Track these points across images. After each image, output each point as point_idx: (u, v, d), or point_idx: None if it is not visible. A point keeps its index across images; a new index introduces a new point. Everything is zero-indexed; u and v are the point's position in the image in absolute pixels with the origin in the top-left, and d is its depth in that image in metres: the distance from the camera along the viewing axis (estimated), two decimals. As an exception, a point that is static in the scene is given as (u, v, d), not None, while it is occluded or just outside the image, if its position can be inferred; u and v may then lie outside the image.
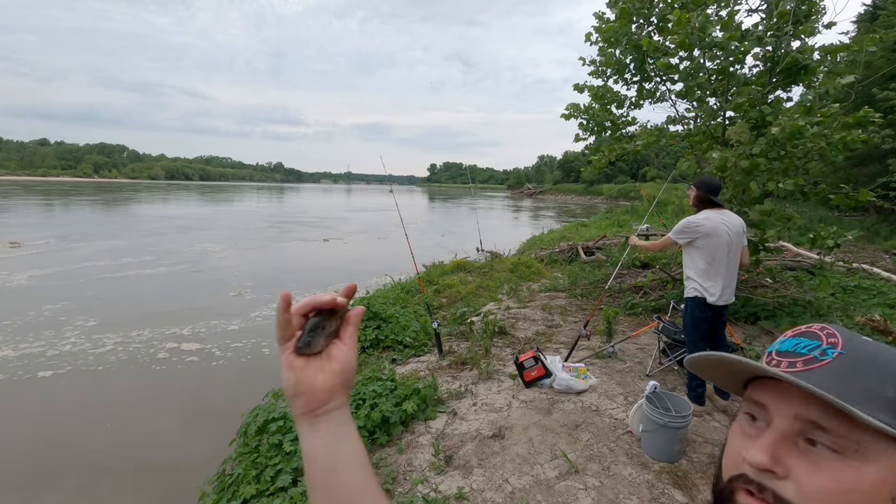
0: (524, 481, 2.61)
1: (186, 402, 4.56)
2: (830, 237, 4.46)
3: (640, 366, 4.27)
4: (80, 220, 21.03)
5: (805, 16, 4.89)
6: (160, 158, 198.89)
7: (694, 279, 3.27)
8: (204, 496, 2.83)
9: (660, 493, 2.52)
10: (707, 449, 2.93)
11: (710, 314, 3.27)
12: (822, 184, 4.98)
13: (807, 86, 5.07)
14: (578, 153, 59.72)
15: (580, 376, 3.78)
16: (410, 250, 5.25)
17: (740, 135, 4.95)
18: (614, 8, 6.01)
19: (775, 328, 5.22)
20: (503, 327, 5.22)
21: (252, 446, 2.93)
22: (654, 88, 6.25)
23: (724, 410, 3.43)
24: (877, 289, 6.53)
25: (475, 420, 3.29)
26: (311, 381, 0.48)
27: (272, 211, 31.63)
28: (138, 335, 6.20)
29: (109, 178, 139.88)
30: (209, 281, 9.46)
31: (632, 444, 2.98)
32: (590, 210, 36.02)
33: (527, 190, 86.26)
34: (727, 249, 3.17)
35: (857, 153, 5.93)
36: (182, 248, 13.23)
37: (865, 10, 18.30)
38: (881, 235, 12.37)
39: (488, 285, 7.60)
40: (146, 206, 31.65)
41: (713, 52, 4.89)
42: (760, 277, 6.23)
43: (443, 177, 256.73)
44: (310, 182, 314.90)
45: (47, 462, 3.58)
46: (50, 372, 5.04)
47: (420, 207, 40.68)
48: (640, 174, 60.39)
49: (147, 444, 3.84)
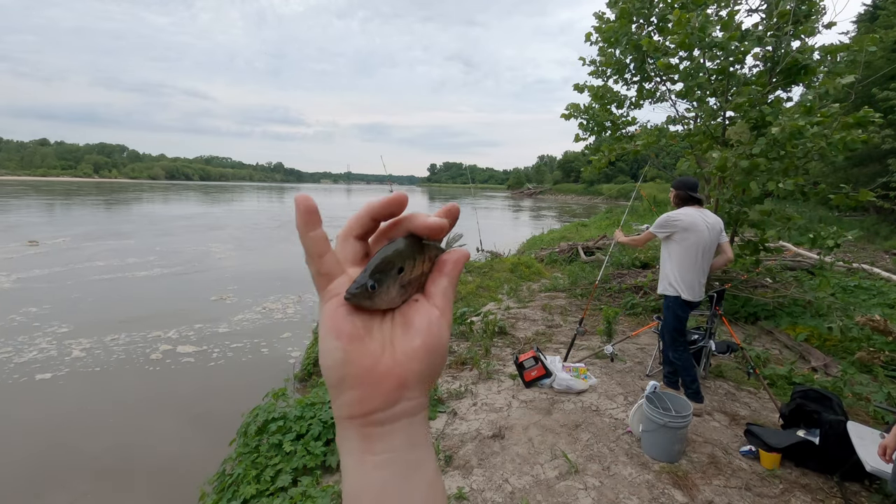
0: (524, 481, 2.61)
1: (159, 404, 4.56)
2: (830, 237, 4.47)
3: (640, 366, 4.27)
4: (98, 219, 21.29)
5: (805, 16, 4.90)
6: (160, 158, 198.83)
7: (670, 275, 3.31)
8: (204, 496, 2.83)
9: (660, 493, 2.52)
10: (707, 449, 2.93)
11: (687, 311, 3.33)
12: (822, 184, 4.98)
13: (807, 86, 5.08)
14: (578, 153, 59.71)
15: (580, 376, 3.78)
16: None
17: (740, 135, 4.95)
18: (614, 8, 6.01)
19: (775, 328, 5.22)
20: (503, 327, 5.22)
21: (252, 446, 2.93)
22: (654, 88, 6.26)
23: (723, 411, 3.43)
24: (877, 289, 6.53)
25: (475, 420, 3.29)
26: (370, 361, 0.29)
27: (278, 210, 31.88)
28: (112, 340, 6.03)
29: (109, 178, 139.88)
30: (198, 284, 9.25)
31: (632, 444, 2.98)
32: (590, 210, 36.02)
33: (527, 190, 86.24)
34: (704, 246, 3.21)
35: (857, 153, 5.93)
36: (186, 249, 13.21)
37: (865, 10, 18.31)
38: (881, 235, 12.38)
39: (488, 285, 7.60)
40: (160, 206, 32.12)
41: (713, 52, 4.90)
42: (760, 277, 6.23)
43: (443, 177, 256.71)
44: (310, 182, 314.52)
45: (48, 463, 3.58)
46: (24, 377, 5.04)
47: (420, 208, 40.70)
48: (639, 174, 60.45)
49: (146, 445, 3.84)
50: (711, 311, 3.74)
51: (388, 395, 0.29)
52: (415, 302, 0.32)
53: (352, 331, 0.29)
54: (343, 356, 0.29)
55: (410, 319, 0.31)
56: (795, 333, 4.93)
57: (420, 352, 0.30)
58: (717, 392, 3.74)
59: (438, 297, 0.33)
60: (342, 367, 0.29)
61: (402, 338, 0.31)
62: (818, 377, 3.95)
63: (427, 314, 0.32)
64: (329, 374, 0.30)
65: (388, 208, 0.31)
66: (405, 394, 0.30)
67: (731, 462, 2.80)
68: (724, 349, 3.75)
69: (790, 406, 3.02)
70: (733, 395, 3.72)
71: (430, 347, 0.31)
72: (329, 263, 0.30)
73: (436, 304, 0.33)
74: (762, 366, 4.14)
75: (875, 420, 3.32)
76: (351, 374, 0.29)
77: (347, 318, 0.29)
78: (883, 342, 4.45)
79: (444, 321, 0.32)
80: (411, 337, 0.31)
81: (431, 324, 0.31)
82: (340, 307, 0.29)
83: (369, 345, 0.30)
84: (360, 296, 0.29)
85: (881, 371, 4.06)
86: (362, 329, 0.30)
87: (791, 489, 2.57)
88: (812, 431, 2.84)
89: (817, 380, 3.84)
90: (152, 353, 5.66)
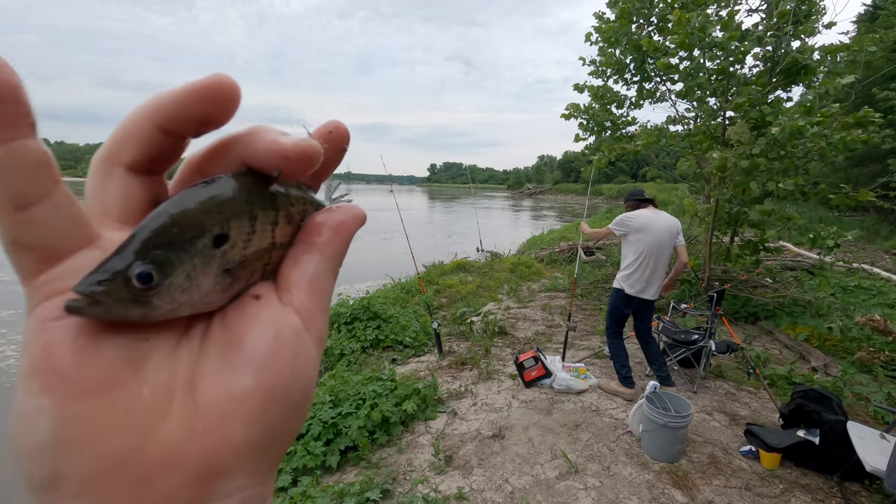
0: (524, 481, 2.62)
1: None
2: (830, 237, 4.47)
3: (640, 366, 4.27)
4: None
5: (805, 16, 4.90)
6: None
7: (622, 270, 3.51)
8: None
9: (660, 493, 2.52)
10: (707, 449, 2.93)
11: (633, 307, 3.53)
12: (822, 184, 4.98)
13: (807, 86, 5.08)
14: (578, 153, 59.87)
15: (580, 376, 3.78)
16: (411, 250, 5.26)
17: (740, 135, 4.95)
18: (614, 8, 6.01)
19: (775, 328, 5.22)
20: (503, 327, 5.22)
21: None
22: (654, 88, 6.26)
23: (723, 411, 3.44)
24: (877, 289, 6.54)
25: (475, 420, 3.29)
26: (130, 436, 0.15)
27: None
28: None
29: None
30: None
31: (632, 444, 2.98)
32: (591, 210, 36.07)
33: (527, 190, 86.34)
34: (657, 247, 3.34)
35: (857, 153, 5.93)
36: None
37: (865, 10, 18.32)
38: (881, 235, 12.38)
39: (488, 285, 7.60)
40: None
41: (713, 52, 4.90)
42: (760, 277, 6.23)
43: (443, 177, 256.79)
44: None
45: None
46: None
47: (421, 207, 40.70)
48: (640, 174, 60.46)
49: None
50: (711, 311, 3.75)
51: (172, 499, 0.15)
52: (252, 301, 0.18)
53: (83, 373, 0.15)
54: (54, 429, 0.14)
55: (239, 335, 0.17)
56: (795, 333, 4.93)
57: (252, 400, 0.16)
58: (717, 392, 3.74)
59: (301, 292, 0.19)
60: (54, 452, 0.14)
61: (216, 373, 0.17)
62: (818, 377, 3.95)
63: (274, 324, 0.18)
64: (29, 466, 0.14)
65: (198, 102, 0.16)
66: (216, 488, 0.16)
67: (731, 462, 2.80)
68: (724, 349, 3.76)
69: (790, 406, 3.02)
70: (733, 395, 3.72)
71: (273, 390, 0.17)
72: (48, 222, 0.15)
73: (294, 303, 0.19)
74: (762, 366, 4.14)
75: (875, 420, 3.32)
76: (78, 467, 0.14)
77: (75, 347, 0.15)
78: (883, 342, 4.45)
79: (307, 338, 0.18)
80: (236, 371, 0.17)
81: (281, 343, 0.17)
82: (58, 323, 0.15)
83: (129, 398, 0.15)
84: (109, 300, 0.15)
85: (881, 371, 4.06)
86: (113, 367, 0.15)
87: (791, 489, 2.57)
88: (812, 431, 2.84)
89: (817, 380, 3.84)
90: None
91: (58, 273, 0.15)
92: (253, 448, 0.16)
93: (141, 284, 0.15)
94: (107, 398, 0.15)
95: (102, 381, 0.15)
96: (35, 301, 0.15)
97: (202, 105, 0.16)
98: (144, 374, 0.16)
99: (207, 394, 0.16)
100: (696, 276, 5.70)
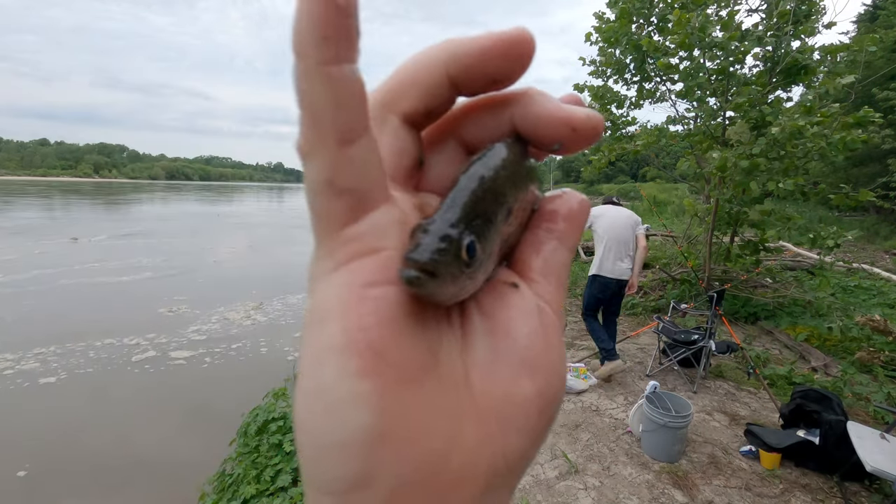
0: (524, 481, 2.61)
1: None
2: (830, 237, 4.47)
3: (640, 366, 4.27)
4: (141, 216, 22.91)
5: (805, 16, 4.90)
6: (160, 158, 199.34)
7: (595, 258, 3.83)
8: (204, 496, 2.83)
9: (660, 493, 2.52)
10: (707, 449, 2.93)
11: (608, 294, 3.79)
12: (822, 184, 4.99)
13: (807, 86, 5.08)
14: (578, 153, 59.62)
15: (580, 376, 3.78)
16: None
17: (740, 135, 4.95)
18: (614, 8, 6.01)
19: (775, 328, 5.22)
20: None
21: (252, 446, 2.93)
22: (654, 88, 6.26)
23: (723, 411, 3.44)
24: (877, 289, 6.54)
25: (475, 420, 3.29)
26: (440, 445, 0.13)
27: (298, 209, 33.38)
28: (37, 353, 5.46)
29: (109, 178, 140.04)
30: (166, 291, 8.47)
31: (632, 444, 2.98)
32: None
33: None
34: (614, 229, 3.69)
35: (857, 153, 5.93)
36: (192, 250, 13.09)
37: (865, 10, 18.33)
38: (881, 235, 12.39)
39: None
40: (195, 205, 35.13)
41: (713, 52, 4.90)
42: (760, 277, 6.23)
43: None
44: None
45: (49, 462, 3.58)
46: None
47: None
48: (640, 174, 60.53)
49: (146, 444, 3.84)
50: (711, 311, 3.75)
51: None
52: (510, 290, 0.16)
53: (405, 357, 0.13)
54: (375, 421, 0.12)
55: (506, 328, 0.15)
56: (795, 333, 4.93)
57: (531, 406, 0.14)
58: (717, 392, 3.74)
59: (550, 285, 0.16)
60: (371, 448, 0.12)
61: (489, 369, 0.14)
62: (818, 377, 3.95)
63: (540, 321, 0.15)
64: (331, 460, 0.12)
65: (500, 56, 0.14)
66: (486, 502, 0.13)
67: (731, 462, 2.80)
68: (724, 349, 3.76)
69: (790, 406, 3.02)
70: (733, 395, 3.72)
71: (548, 396, 0.15)
72: (364, 163, 0.13)
73: (545, 296, 0.16)
74: (762, 366, 4.14)
75: (875, 420, 3.31)
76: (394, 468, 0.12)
77: (398, 326, 0.13)
78: (883, 342, 4.45)
79: (558, 332, 0.16)
80: (513, 370, 0.14)
81: (550, 344, 0.15)
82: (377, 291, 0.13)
83: (438, 392, 0.13)
84: (445, 273, 0.12)
85: (881, 371, 4.06)
86: (428, 353, 0.13)
87: (791, 489, 2.57)
88: (812, 431, 2.84)
89: (817, 380, 3.84)
90: (141, 353, 5.66)
91: (363, 229, 0.13)
92: (524, 462, 0.14)
93: (469, 258, 0.13)
94: (424, 389, 0.13)
95: (421, 369, 0.13)
96: (340, 258, 0.13)
97: (504, 60, 0.14)
98: (440, 365, 0.13)
99: (484, 394, 0.14)
100: (696, 276, 5.70)
